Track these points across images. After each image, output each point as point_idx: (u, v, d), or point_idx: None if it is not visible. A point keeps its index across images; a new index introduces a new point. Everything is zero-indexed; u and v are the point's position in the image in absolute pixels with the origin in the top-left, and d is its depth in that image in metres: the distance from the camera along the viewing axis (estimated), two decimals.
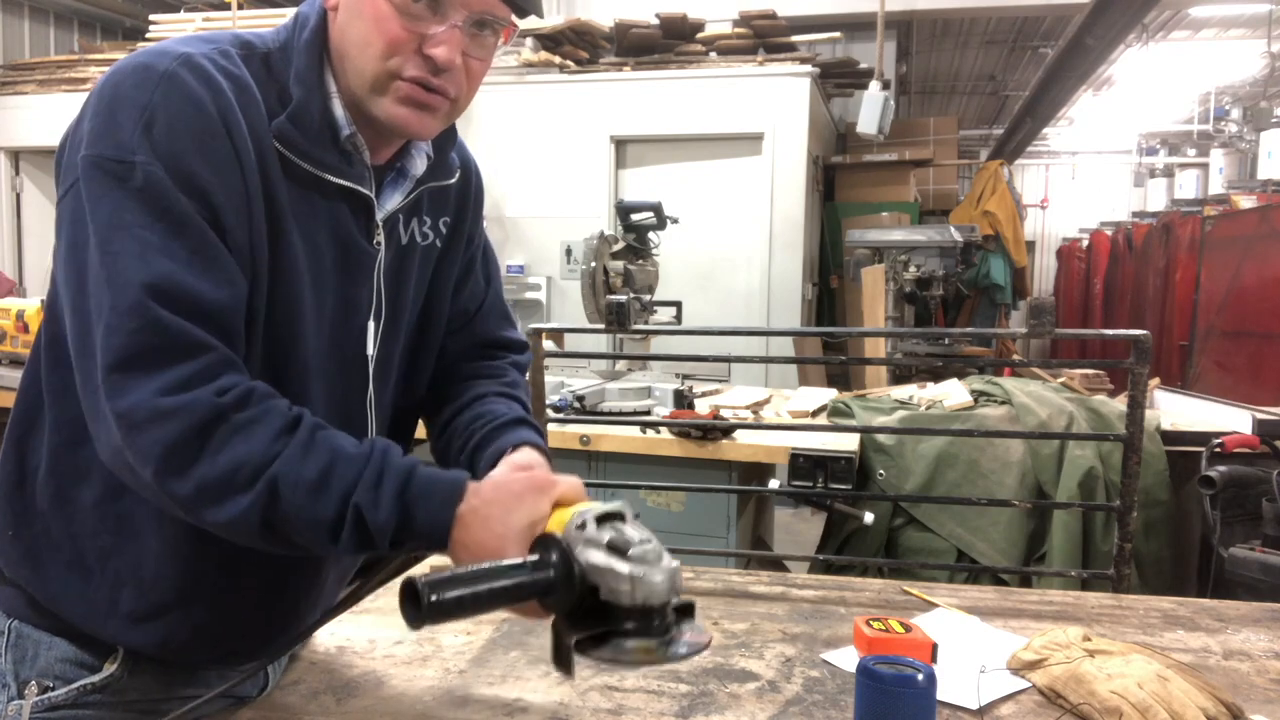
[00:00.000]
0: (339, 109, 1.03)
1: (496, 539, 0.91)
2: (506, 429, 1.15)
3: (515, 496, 0.94)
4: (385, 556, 1.00)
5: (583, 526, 0.90)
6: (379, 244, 1.10)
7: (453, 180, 1.19)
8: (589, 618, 0.90)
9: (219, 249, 0.93)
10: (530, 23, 6.38)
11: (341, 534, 0.91)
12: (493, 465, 1.09)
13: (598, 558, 0.89)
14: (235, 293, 0.94)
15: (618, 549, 0.88)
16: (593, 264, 3.77)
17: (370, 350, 1.12)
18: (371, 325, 1.12)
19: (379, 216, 1.09)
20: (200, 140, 0.93)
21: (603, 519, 0.92)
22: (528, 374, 1.35)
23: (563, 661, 0.91)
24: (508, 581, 0.87)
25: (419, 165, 1.13)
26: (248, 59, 1.01)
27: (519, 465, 1.07)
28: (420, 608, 0.83)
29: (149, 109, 0.91)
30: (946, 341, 5.38)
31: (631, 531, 0.90)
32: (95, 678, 1.05)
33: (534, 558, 0.90)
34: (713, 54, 6.42)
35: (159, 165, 0.90)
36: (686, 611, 0.93)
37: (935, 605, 1.59)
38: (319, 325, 1.06)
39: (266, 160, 0.98)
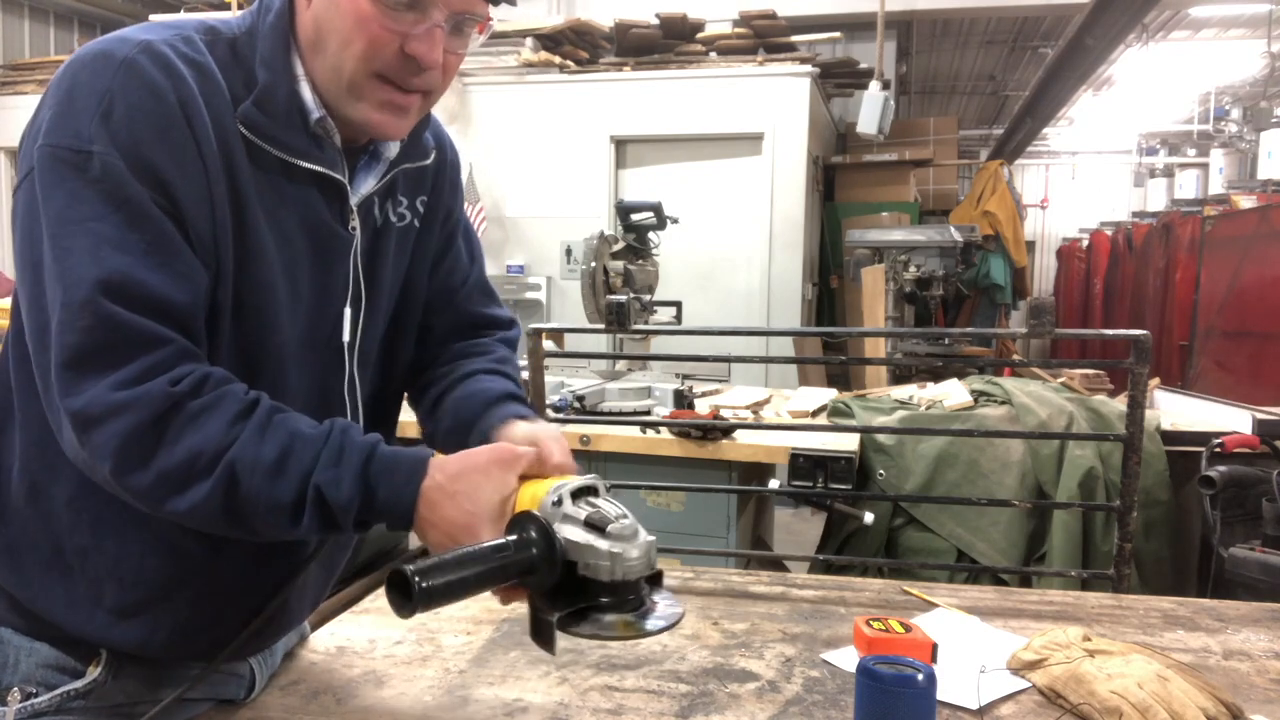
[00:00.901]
0: (307, 93, 1.01)
1: (468, 516, 0.91)
2: (494, 405, 1.14)
3: (481, 472, 0.94)
4: (389, 553, 1.00)
5: (559, 503, 0.91)
6: (354, 229, 1.08)
7: (428, 161, 1.17)
8: (566, 594, 0.91)
9: (177, 241, 0.92)
10: (530, 22, 6.39)
11: (304, 516, 0.91)
12: (482, 442, 1.07)
13: (576, 534, 0.89)
14: (194, 285, 0.93)
15: (596, 526, 0.89)
16: (593, 264, 3.77)
17: (346, 337, 1.10)
18: (348, 312, 1.10)
19: (353, 201, 1.08)
20: (160, 129, 0.91)
21: (578, 494, 0.92)
22: (517, 350, 1.33)
23: (545, 638, 0.92)
24: (494, 564, 0.88)
25: (392, 148, 1.11)
26: (212, 44, 0.99)
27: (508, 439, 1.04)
28: (410, 595, 0.83)
29: (107, 97, 0.90)
30: (946, 341, 5.38)
31: (608, 507, 0.91)
32: (78, 683, 1.03)
33: (514, 537, 0.90)
34: (713, 54, 6.42)
35: (117, 155, 0.89)
36: (656, 580, 0.95)
37: (935, 605, 1.59)
38: (295, 313, 1.04)
39: (230, 148, 0.96)
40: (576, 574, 0.90)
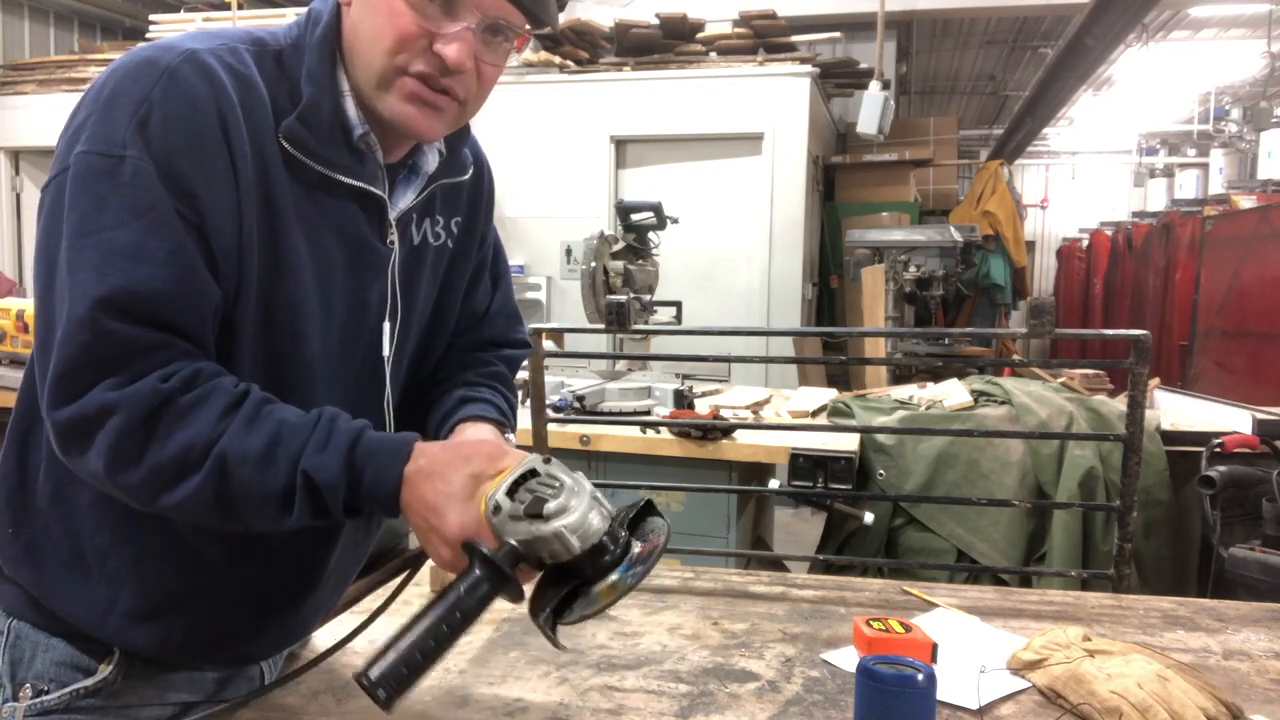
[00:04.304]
0: (351, 108, 1.02)
1: (438, 496, 0.92)
2: (464, 405, 1.17)
3: (463, 458, 0.94)
4: (389, 552, 1.01)
5: (498, 510, 0.90)
6: (393, 243, 1.09)
7: (465, 177, 1.18)
8: (554, 583, 0.91)
9: (194, 254, 0.92)
10: None
11: (295, 503, 0.91)
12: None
13: (522, 530, 0.89)
14: (205, 299, 0.94)
15: (535, 514, 0.88)
16: (593, 264, 3.77)
17: (386, 351, 1.12)
18: (387, 326, 1.11)
19: (392, 216, 1.09)
20: (194, 140, 0.92)
21: (514, 488, 0.91)
22: (519, 367, 1.35)
23: (549, 639, 0.92)
24: (449, 623, 0.88)
25: (431, 162, 1.12)
26: (259, 56, 1.00)
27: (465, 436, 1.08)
28: (381, 697, 0.84)
29: (146, 104, 0.90)
30: (946, 341, 5.39)
31: (542, 488, 0.90)
32: (89, 681, 1.04)
33: (463, 586, 0.90)
34: (713, 54, 6.42)
35: (149, 162, 0.90)
36: (643, 513, 0.95)
37: (935, 605, 1.59)
38: (327, 327, 1.05)
39: (267, 162, 0.97)
40: (551, 564, 0.90)
